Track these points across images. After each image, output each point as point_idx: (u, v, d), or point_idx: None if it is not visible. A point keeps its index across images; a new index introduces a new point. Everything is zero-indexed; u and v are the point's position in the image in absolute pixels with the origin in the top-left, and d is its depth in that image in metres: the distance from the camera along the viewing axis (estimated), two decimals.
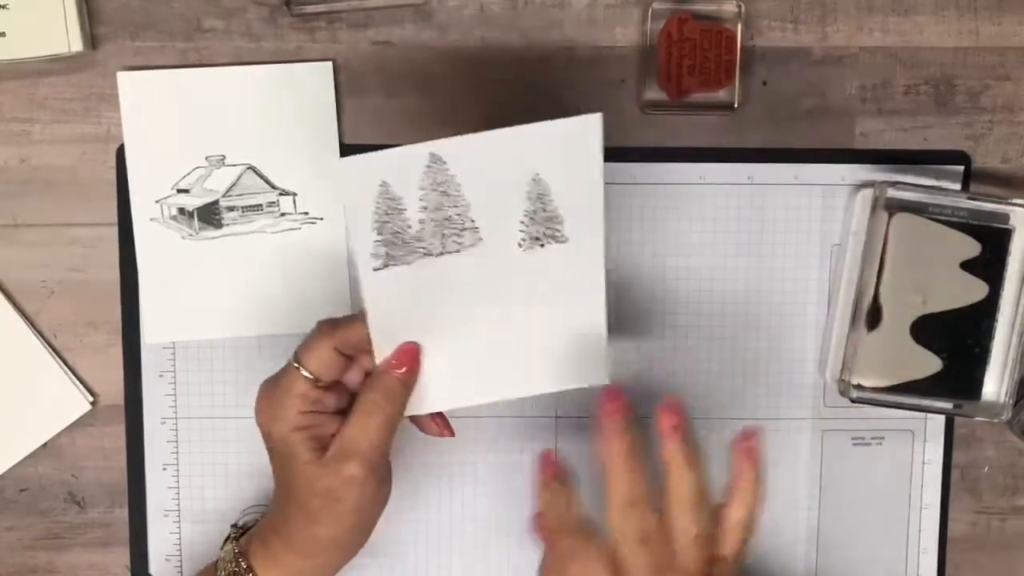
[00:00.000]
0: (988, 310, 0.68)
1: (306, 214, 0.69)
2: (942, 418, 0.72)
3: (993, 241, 0.68)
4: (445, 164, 0.56)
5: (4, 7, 0.64)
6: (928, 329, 0.68)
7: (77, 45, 0.65)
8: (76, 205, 0.69)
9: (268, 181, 0.69)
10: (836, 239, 0.71)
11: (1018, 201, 0.67)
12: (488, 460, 0.71)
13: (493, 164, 0.57)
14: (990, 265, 0.68)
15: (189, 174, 0.68)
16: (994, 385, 0.68)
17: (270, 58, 0.68)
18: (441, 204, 0.57)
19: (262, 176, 0.69)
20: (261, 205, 0.69)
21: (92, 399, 0.70)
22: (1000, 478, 0.73)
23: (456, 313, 0.59)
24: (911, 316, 0.68)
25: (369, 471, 0.59)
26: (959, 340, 0.68)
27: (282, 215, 0.69)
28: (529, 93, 0.69)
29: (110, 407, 0.70)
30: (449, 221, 0.58)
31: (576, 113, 0.54)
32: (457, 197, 0.57)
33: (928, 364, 0.68)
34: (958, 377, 0.68)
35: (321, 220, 0.69)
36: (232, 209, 0.69)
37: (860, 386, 0.68)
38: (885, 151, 0.71)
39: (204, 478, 0.71)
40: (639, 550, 0.55)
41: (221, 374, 0.70)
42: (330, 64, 0.68)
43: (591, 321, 0.60)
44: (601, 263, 0.59)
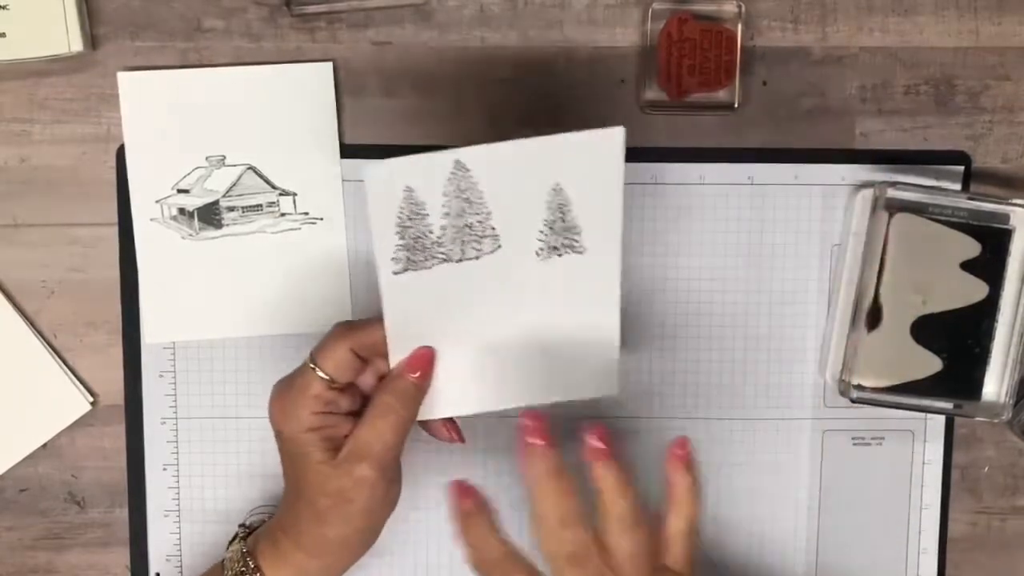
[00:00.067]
0: (988, 310, 0.68)
1: (306, 214, 0.69)
2: (942, 418, 0.72)
3: (993, 241, 0.68)
4: (469, 171, 0.57)
5: (4, 7, 0.64)
6: (928, 329, 0.68)
7: (77, 45, 0.65)
8: (76, 205, 0.69)
9: (268, 181, 0.69)
10: (836, 239, 0.71)
11: (1018, 201, 0.67)
12: (491, 461, 0.71)
13: (516, 173, 0.57)
14: (990, 265, 0.68)
15: (189, 174, 0.68)
16: (994, 385, 0.68)
17: (270, 58, 0.68)
18: (463, 211, 0.57)
19: (262, 176, 0.69)
20: (261, 205, 0.69)
21: (92, 399, 0.70)
22: (1000, 478, 0.73)
23: (472, 319, 0.60)
24: (911, 316, 0.68)
25: (380, 473, 0.59)
26: (959, 340, 0.68)
27: (282, 215, 0.69)
28: (529, 93, 0.69)
29: (110, 407, 0.70)
30: (470, 228, 0.58)
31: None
32: (479, 204, 0.57)
33: (928, 364, 0.68)
34: (958, 377, 0.68)
35: (321, 220, 0.69)
36: (232, 209, 0.69)
37: (860, 386, 0.68)
38: (885, 151, 0.70)
39: (204, 478, 0.71)
40: (573, 570, 0.55)
41: (221, 374, 0.70)
42: (330, 64, 0.68)
43: (605, 332, 0.60)
44: (617, 275, 0.59)
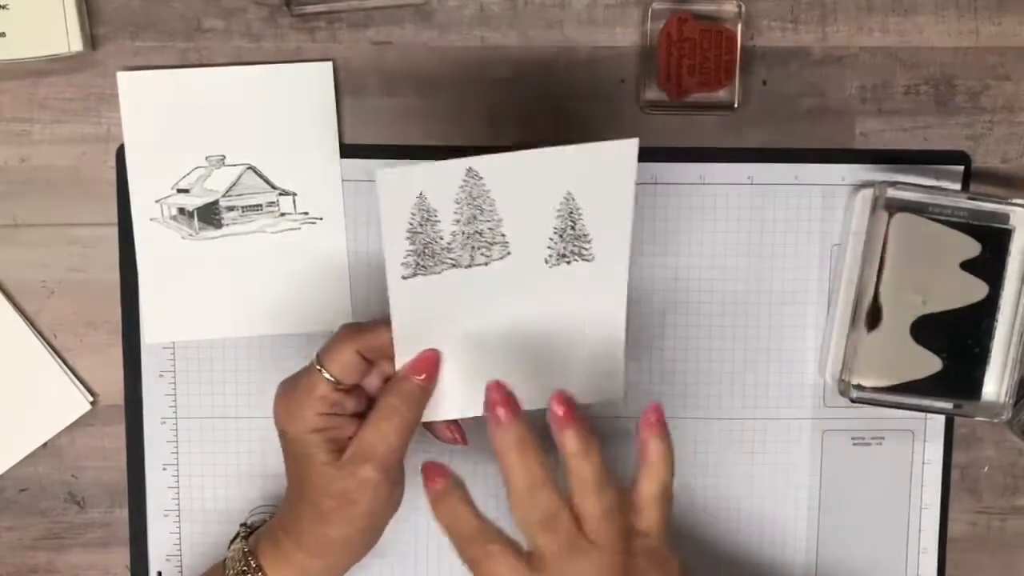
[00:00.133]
0: (988, 310, 0.68)
1: (306, 214, 0.69)
2: (942, 418, 0.72)
3: (993, 241, 0.67)
4: (482, 179, 0.57)
5: (4, 7, 0.64)
6: (928, 329, 0.68)
7: (77, 45, 0.65)
8: (76, 205, 0.69)
9: (268, 181, 0.69)
10: (836, 239, 0.71)
11: (1018, 201, 0.67)
12: (492, 462, 0.71)
13: (528, 182, 0.57)
14: (990, 265, 0.68)
15: (189, 174, 0.68)
16: (994, 385, 0.68)
17: (270, 58, 0.68)
18: (474, 218, 0.58)
19: (262, 176, 0.69)
20: (261, 205, 0.69)
21: (92, 399, 0.70)
22: (1000, 478, 0.73)
23: (478, 324, 0.60)
24: (911, 316, 0.68)
25: (384, 474, 0.59)
26: (959, 340, 0.68)
27: (282, 215, 0.69)
28: (529, 93, 0.69)
29: (110, 407, 0.70)
30: (480, 235, 0.58)
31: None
32: (490, 212, 0.58)
33: (928, 364, 0.68)
34: (958, 377, 0.68)
35: (321, 220, 0.69)
36: (232, 209, 0.69)
37: (860, 386, 0.68)
38: (885, 151, 0.70)
39: (204, 478, 0.71)
40: (545, 534, 0.55)
41: (221, 374, 0.70)
42: (330, 64, 0.68)
43: (610, 338, 0.61)
44: (624, 282, 0.60)
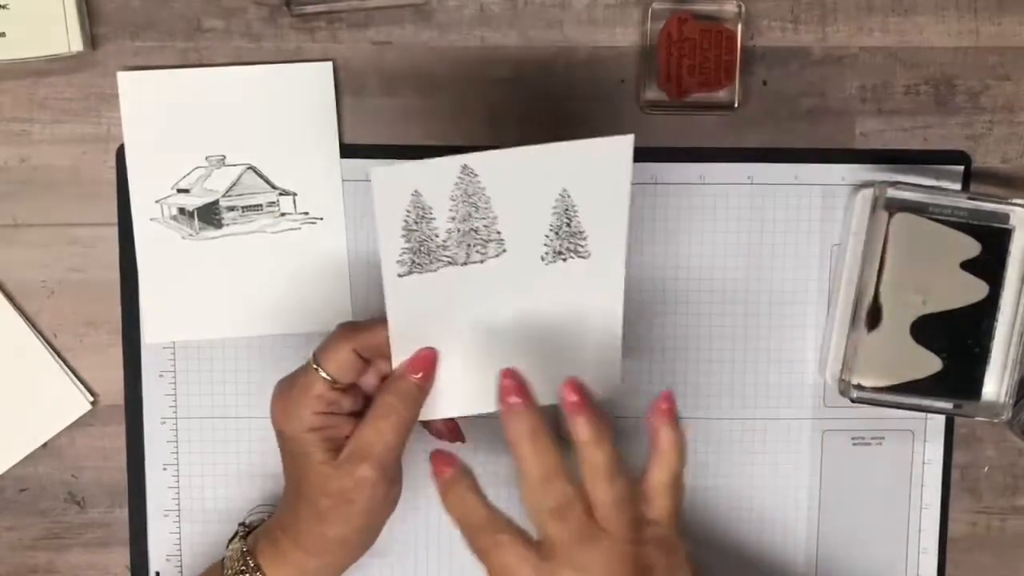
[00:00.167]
0: (988, 310, 0.68)
1: (306, 214, 0.69)
2: (942, 418, 0.72)
3: (993, 241, 0.67)
4: (477, 176, 0.57)
5: (4, 7, 0.64)
6: (928, 329, 0.68)
7: (77, 45, 0.65)
8: (76, 205, 0.69)
9: (268, 181, 0.69)
10: (836, 239, 0.71)
11: (1018, 201, 0.67)
12: (492, 461, 0.71)
13: (523, 178, 0.57)
14: (990, 265, 0.68)
15: (189, 174, 0.68)
16: (994, 385, 0.68)
17: (270, 58, 0.68)
18: (469, 215, 0.58)
19: (262, 176, 0.69)
20: (261, 205, 0.69)
21: (92, 399, 0.70)
22: (1000, 478, 0.73)
23: (475, 322, 0.60)
24: (911, 316, 0.68)
25: (381, 473, 0.59)
26: (959, 340, 0.68)
27: (282, 215, 0.69)
28: (529, 93, 0.69)
29: (110, 407, 0.70)
30: (475, 232, 0.58)
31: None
32: (486, 209, 0.58)
33: (928, 364, 0.68)
34: (958, 377, 0.68)
35: (321, 220, 0.69)
36: (232, 209, 0.69)
37: (860, 386, 0.68)
38: (885, 151, 0.70)
39: (204, 478, 0.71)
40: (557, 524, 0.55)
41: (221, 374, 0.70)
42: (330, 64, 0.68)
43: (607, 335, 0.60)
44: (621, 279, 0.59)
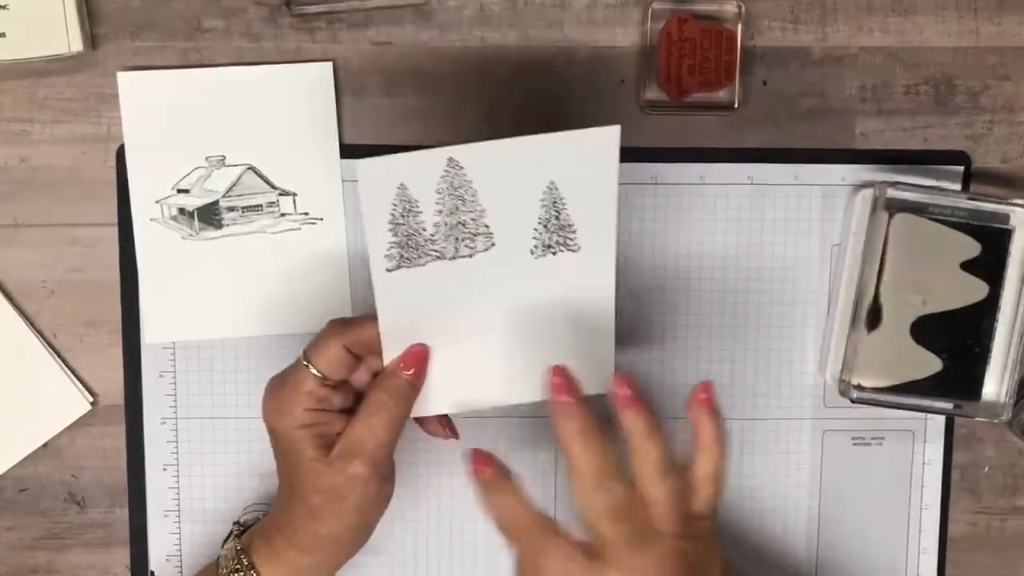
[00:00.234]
0: (988, 310, 0.68)
1: (306, 214, 0.69)
2: (942, 418, 0.72)
3: (993, 241, 0.68)
4: (463, 169, 0.56)
5: (4, 7, 0.64)
6: (928, 329, 0.68)
7: (77, 45, 0.65)
8: (76, 205, 0.69)
9: (268, 181, 0.69)
10: (836, 239, 0.71)
11: (1018, 201, 0.67)
12: None
13: (510, 171, 0.57)
14: (990, 265, 0.68)
15: (189, 174, 0.68)
16: (994, 385, 0.68)
17: (270, 58, 0.68)
18: (456, 208, 0.57)
19: (262, 176, 0.69)
20: (261, 205, 0.69)
21: (92, 399, 0.70)
22: (1000, 478, 0.73)
23: (466, 317, 0.60)
24: (911, 316, 0.68)
25: (373, 470, 0.59)
26: (959, 340, 0.68)
27: (282, 215, 0.69)
28: (529, 93, 0.69)
29: (110, 407, 0.70)
30: (463, 226, 0.58)
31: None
32: (473, 202, 0.57)
33: (928, 364, 0.68)
34: (958, 377, 0.68)
35: (321, 220, 0.69)
36: (232, 209, 0.69)
37: (860, 386, 0.68)
38: (885, 151, 0.70)
39: (204, 478, 0.71)
40: (614, 525, 0.54)
41: (221, 374, 0.70)
42: (330, 64, 0.68)
43: (600, 329, 0.60)
44: (612, 273, 0.59)
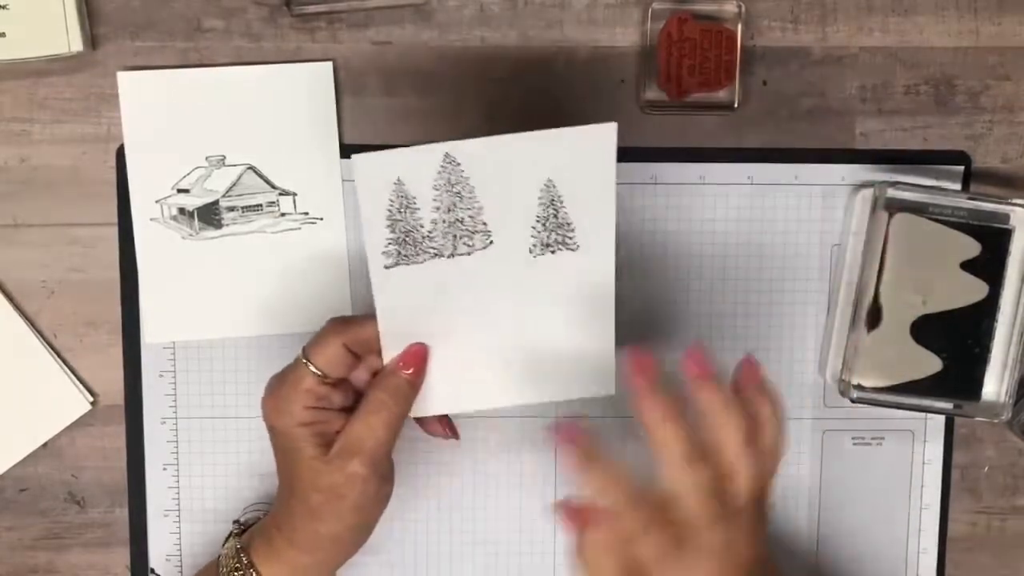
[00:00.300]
0: (988, 310, 0.68)
1: (306, 214, 0.69)
2: (942, 418, 0.72)
3: (993, 241, 0.67)
4: (459, 165, 0.56)
5: (4, 7, 0.64)
6: (928, 329, 0.68)
7: (77, 45, 0.65)
8: (76, 205, 0.69)
9: (268, 181, 0.69)
10: (836, 239, 0.71)
11: (1018, 201, 0.67)
12: (489, 460, 0.71)
13: (507, 168, 0.57)
14: (990, 265, 0.68)
15: (189, 174, 0.68)
16: (994, 385, 0.68)
17: (270, 58, 0.68)
18: (454, 205, 0.57)
19: (262, 176, 0.69)
20: (261, 205, 0.69)
21: (92, 399, 0.70)
22: (1000, 478, 0.73)
23: (465, 316, 0.59)
24: (911, 316, 0.68)
25: (372, 469, 0.59)
26: (959, 340, 0.68)
27: (282, 215, 0.69)
28: (529, 93, 0.69)
29: (110, 407, 0.70)
30: (461, 223, 0.58)
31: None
32: (470, 199, 0.57)
33: (928, 364, 0.68)
34: (958, 377, 0.68)
35: (321, 220, 0.69)
36: (232, 209, 0.69)
37: (860, 386, 0.68)
38: (885, 151, 0.70)
39: (204, 478, 0.71)
40: (707, 502, 0.54)
41: (221, 374, 0.70)
42: (330, 64, 0.68)
43: (600, 330, 0.60)
44: (611, 272, 0.59)
